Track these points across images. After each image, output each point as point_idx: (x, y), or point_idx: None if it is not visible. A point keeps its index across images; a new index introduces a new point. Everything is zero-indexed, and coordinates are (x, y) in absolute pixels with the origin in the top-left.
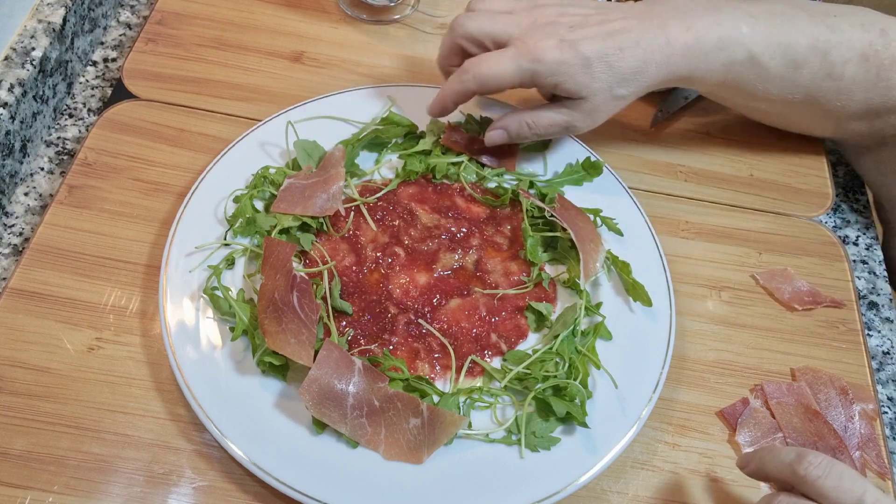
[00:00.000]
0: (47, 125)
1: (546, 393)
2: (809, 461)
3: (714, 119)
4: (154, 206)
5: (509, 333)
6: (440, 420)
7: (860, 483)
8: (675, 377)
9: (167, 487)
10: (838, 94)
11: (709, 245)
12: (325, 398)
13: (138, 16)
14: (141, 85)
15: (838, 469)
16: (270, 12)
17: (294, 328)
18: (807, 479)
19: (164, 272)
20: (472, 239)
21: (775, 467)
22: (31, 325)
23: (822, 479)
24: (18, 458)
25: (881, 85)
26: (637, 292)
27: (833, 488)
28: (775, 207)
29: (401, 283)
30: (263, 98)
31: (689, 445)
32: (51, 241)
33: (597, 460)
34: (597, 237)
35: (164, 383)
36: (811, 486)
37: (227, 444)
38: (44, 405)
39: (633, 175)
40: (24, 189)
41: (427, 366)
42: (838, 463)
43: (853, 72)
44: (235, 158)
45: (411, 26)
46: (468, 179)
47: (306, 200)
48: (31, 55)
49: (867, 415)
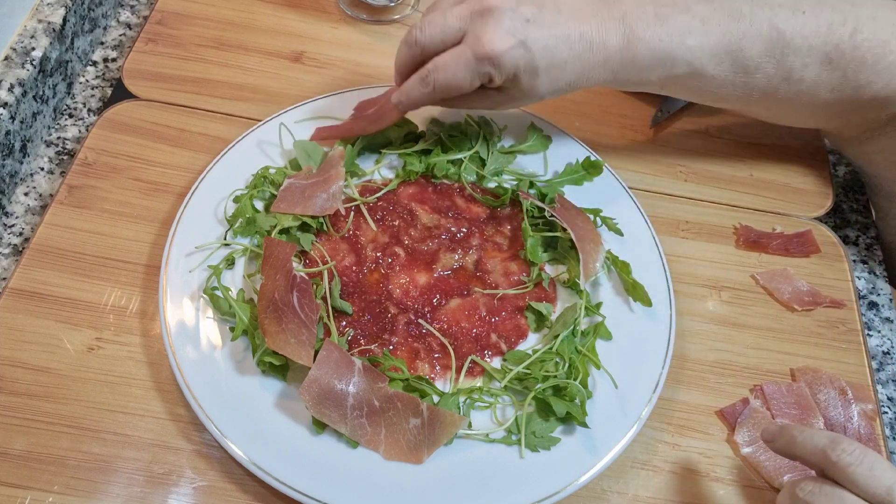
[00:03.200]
0: (47, 125)
1: (546, 393)
2: (843, 448)
3: (714, 119)
4: (154, 206)
5: (509, 333)
6: (440, 420)
7: (891, 473)
8: (675, 377)
9: (167, 487)
10: (799, 95)
11: (709, 245)
12: (325, 398)
13: (138, 16)
14: (141, 85)
15: (871, 458)
16: (270, 12)
17: (294, 328)
18: (838, 464)
19: (164, 272)
20: (472, 239)
21: (807, 449)
22: (31, 325)
23: (853, 465)
24: (18, 458)
25: (849, 86)
26: (637, 292)
27: (864, 476)
28: (775, 207)
29: (401, 283)
30: (263, 98)
31: (689, 445)
32: (51, 241)
33: (597, 460)
34: (597, 237)
35: (164, 383)
36: (842, 471)
37: (227, 444)
38: (44, 405)
39: (633, 175)
40: (24, 189)
41: (427, 366)
42: (871, 452)
43: (814, 74)
44: (235, 158)
45: (411, 26)
46: (468, 179)
47: (306, 200)
48: (31, 55)
49: (867, 415)
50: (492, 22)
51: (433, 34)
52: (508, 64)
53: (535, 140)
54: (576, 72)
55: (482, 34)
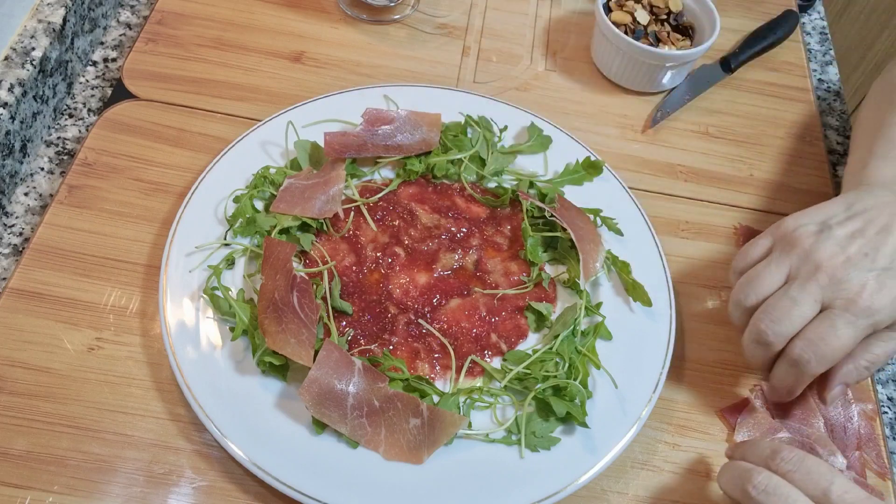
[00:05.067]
0: (47, 125)
1: (546, 393)
2: (782, 457)
3: (714, 119)
4: (154, 206)
5: (509, 333)
6: (440, 420)
7: (828, 476)
8: (675, 377)
9: (167, 487)
10: None
11: (709, 245)
12: (325, 398)
13: (138, 16)
14: (141, 85)
15: (808, 464)
16: (270, 12)
17: (294, 328)
18: (778, 472)
19: (164, 272)
20: (472, 239)
21: (753, 461)
22: (31, 325)
23: (791, 472)
24: (18, 458)
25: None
26: (637, 292)
27: (803, 481)
28: (775, 207)
29: (401, 283)
30: (263, 98)
31: (689, 445)
32: (51, 241)
33: (597, 460)
34: (597, 237)
35: (164, 383)
36: (783, 477)
37: (227, 444)
38: (44, 405)
39: (633, 175)
40: (24, 189)
41: (427, 366)
42: (809, 457)
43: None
44: (235, 158)
45: (411, 26)
46: (468, 179)
47: (305, 202)
48: (31, 55)
49: (867, 415)
50: (853, 273)
51: (791, 326)
52: (886, 300)
53: (535, 140)
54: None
55: (843, 292)
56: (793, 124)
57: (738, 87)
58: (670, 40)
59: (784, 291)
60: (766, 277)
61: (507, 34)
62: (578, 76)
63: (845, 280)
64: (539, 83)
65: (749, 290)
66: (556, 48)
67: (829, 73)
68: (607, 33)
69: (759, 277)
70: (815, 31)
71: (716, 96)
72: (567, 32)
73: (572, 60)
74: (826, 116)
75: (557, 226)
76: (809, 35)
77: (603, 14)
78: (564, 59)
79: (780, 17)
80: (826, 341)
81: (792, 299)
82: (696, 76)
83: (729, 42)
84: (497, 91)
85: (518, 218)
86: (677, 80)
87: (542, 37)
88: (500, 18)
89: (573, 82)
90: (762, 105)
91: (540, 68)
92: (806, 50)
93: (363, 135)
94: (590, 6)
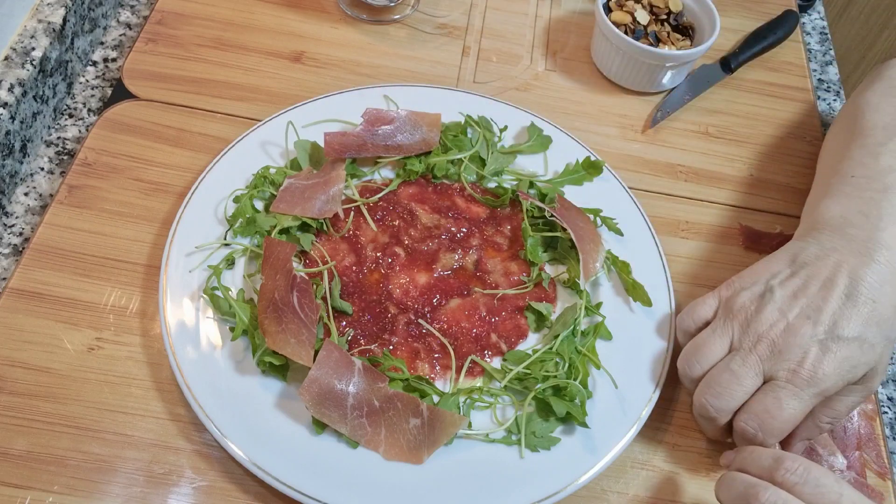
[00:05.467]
0: (47, 125)
1: (546, 393)
2: (787, 467)
3: (714, 119)
4: (154, 206)
5: (509, 333)
6: (440, 420)
7: (836, 488)
8: (676, 377)
9: (167, 487)
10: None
11: (709, 245)
12: (325, 398)
13: (138, 16)
14: (141, 85)
15: (815, 474)
16: (270, 12)
17: (294, 328)
18: (784, 485)
19: (164, 272)
20: (472, 239)
21: (755, 472)
22: (31, 325)
23: (799, 486)
24: (18, 458)
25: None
26: (637, 292)
27: (811, 494)
28: (775, 207)
29: (401, 283)
30: (263, 98)
31: (689, 445)
32: (51, 241)
33: (597, 460)
34: (597, 237)
35: (164, 383)
36: (790, 491)
37: (227, 444)
38: (44, 405)
39: (633, 175)
40: (24, 189)
41: (427, 366)
42: (814, 467)
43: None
44: (235, 158)
45: (411, 26)
46: (468, 179)
47: (305, 202)
48: (31, 55)
49: (867, 415)
50: (795, 341)
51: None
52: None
53: (535, 140)
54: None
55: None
56: (793, 124)
57: (738, 87)
58: (670, 40)
59: (726, 364)
60: (710, 347)
61: (507, 34)
62: (578, 76)
63: (786, 350)
64: (539, 83)
65: (693, 361)
66: (556, 48)
67: (829, 73)
68: (607, 33)
69: (704, 347)
70: (815, 31)
71: (716, 96)
72: (567, 32)
73: (572, 60)
74: (826, 116)
75: (557, 226)
76: (809, 35)
77: (603, 14)
78: (564, 59)
79: (780, 17)
80: (771, 414)
81: (733, 373)
82: (696, 76)
83: (729, 42)
84: (497, 91)
85: (518, 218)
86: (677, 80)
87: (542, 37)
88: (500, 18)
89: (573, 82)
90: (762, 105)
91: (540, 68)
92: (806, 50)
93: (363, 135)
94: (590, 6)
